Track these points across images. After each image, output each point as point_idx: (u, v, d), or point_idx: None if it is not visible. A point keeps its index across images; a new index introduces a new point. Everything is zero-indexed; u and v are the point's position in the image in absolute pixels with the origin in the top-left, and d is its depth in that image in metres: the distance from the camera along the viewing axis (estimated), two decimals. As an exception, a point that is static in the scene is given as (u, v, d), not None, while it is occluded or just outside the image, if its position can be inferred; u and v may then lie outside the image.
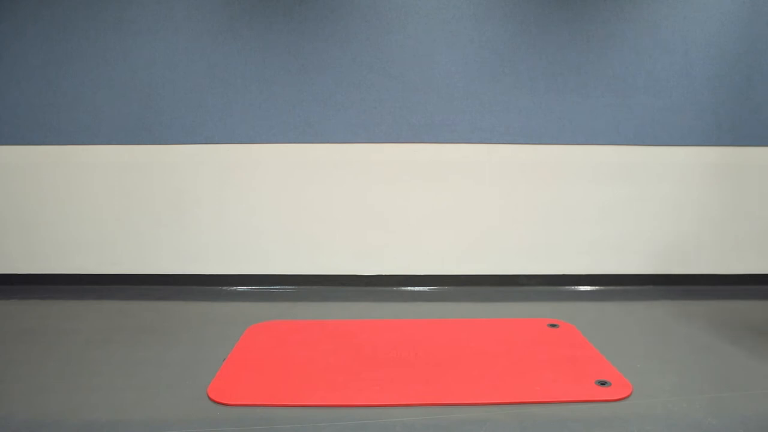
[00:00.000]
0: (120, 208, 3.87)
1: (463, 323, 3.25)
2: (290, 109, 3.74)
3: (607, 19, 3.67)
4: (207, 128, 3.76)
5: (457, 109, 3.73)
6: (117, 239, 3.90)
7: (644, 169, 3.84)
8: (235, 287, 3.93)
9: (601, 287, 3.95)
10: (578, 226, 3.92)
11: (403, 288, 3.92)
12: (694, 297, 3.79)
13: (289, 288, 3.93)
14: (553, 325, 3.22)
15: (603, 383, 2.50)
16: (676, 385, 2.51)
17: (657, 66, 3.72)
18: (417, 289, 3.92)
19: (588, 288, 3.95)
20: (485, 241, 3.89)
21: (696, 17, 3.68)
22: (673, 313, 3.48)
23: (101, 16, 3.64)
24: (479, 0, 3.65)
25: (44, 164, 3.82)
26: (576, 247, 3.93)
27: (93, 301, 3.66)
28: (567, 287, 3.95)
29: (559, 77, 3.71)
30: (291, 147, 3.79)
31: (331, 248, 3.90)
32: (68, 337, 3.04)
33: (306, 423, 2.20)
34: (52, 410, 2.29)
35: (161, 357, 2.80)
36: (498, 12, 3.66)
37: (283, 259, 3.92)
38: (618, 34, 3.68)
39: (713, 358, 2.81)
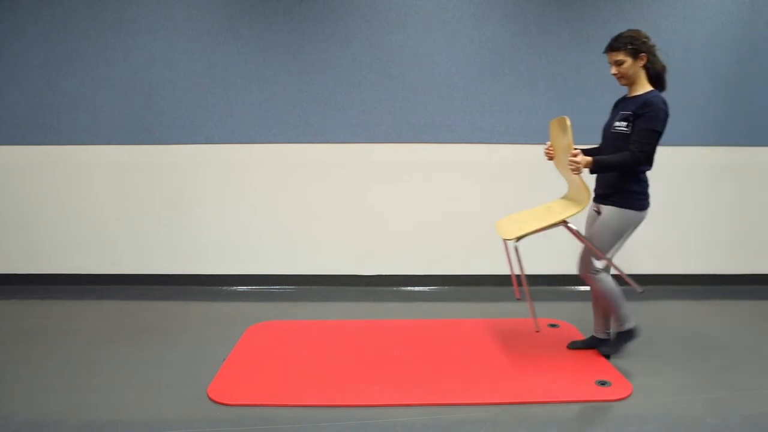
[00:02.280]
0: (120, 208, 3.87)
1: (463, 323, 3.25)
2: (290, 109, 3.74)
3: (607, 19, 3.67)
4: (207, 128, 3.76)
5: (457, 109, 3.73)
6: (117, 239, 3.90)
7: (644, 169, 3.84)
8: (235, 287, 3.93)
9: (601, 287, 3.94)
10: (578, 226, 3.91)
11: (403, 288, 3.91)
12: (693, 297, 3.79)
13: (289, 288, 3.93)
14: (553, 325, 3.22)
15: (603, 383, 2.50)
16: (676, 385, 2.51)
17: (657, 66, 3.71)
18: (417, 289, 3.92)
19: (588, 288, 3.94)
20: (485, 241, 3.88)
21: (696, 17, 3.68)
22: (673, 312, 3.48)
23: (101, 16, 3.64)
24: (479, 0, 3.65)
25: (44, 164, 3.82)
26: (576, 247, 3.92)
27: (93, 301, 3.66)
28: (567, 287, 3.95)
29: (559, 77, 3.71)
30: (291, 147, 3.79)
31: (331, 248, 3.90)
32: (68, 337, 3.04)
33: (306, 423, 2.20)
34: (52, 410, 2.29)
35: (161, 357, 2.80)
36: (498, 12, 3.66)
37: (283, 259, 3.92)
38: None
39: (713, 358, 2.81)
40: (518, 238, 2.54)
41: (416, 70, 3.71)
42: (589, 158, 2.48)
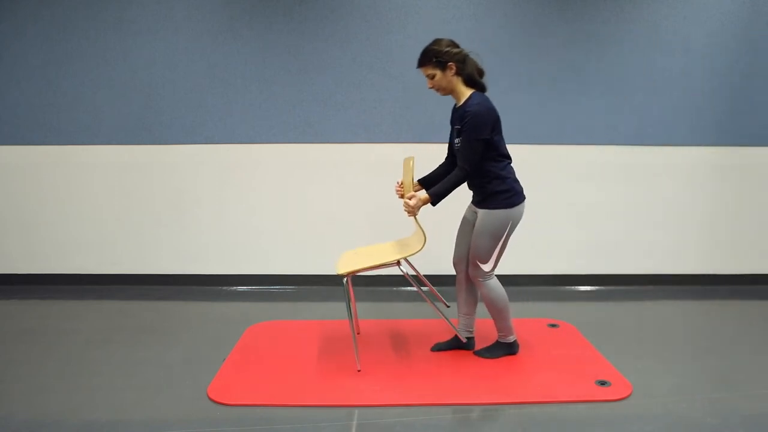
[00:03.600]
0: (120, 208, 3.87)
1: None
2: (290, 109, 3.74)
3: (607, 19, 3.67)
4: (207, 128, 3.76)
5: (457, 109, 3.73)
6: (117, 239, 3.90)
7: (644, 169, 3.85)
8: (235, 287, 3.94)
9: (601, 287, 3.95)
10: (578, 226, 3.92)
11: (402, 288, 3.92)
12: (693, 297, 3.79)
13: (289, 288, 3.93)
14: (553, 325, 3.22)
15: (603, 383, 2.50)
16: (676, 385, 2.51)
17: (657, 66, 3.72)
18: (416, 289, 3.91)
19: (588, 288, 3.95)
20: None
21: (696, 17, 3.68)
22: (673, 312, 3.48)
23: (101, 16, 3.64)
24: (479, 0, 3.65)
25: (44, 164, 3.82)
26: (576, 247, 3.93)
27: (93, 301, 3.66)
28: (567, 287, 3.95)
29: (559, 77, 3.71)
30: (291, 147, 3.79)
31: (331, 248, 3.90)
32: (68, 337, 3.04)
33: (306, 423, 2.20)
34: (52, 410, 2.29)
35: (161, 357, 2.80)
36: (498, 12, 3.66)
37: (283, 259, 3.92)
38: (618, 34, 3.68)
39: (713, 358, 2.81)
40: (346, 274, 2.59)
41: (416, 70, 3.69)
42: (425, 195, 2.51)
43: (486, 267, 2.62)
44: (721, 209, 3.92)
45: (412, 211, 2.53)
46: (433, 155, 3.80)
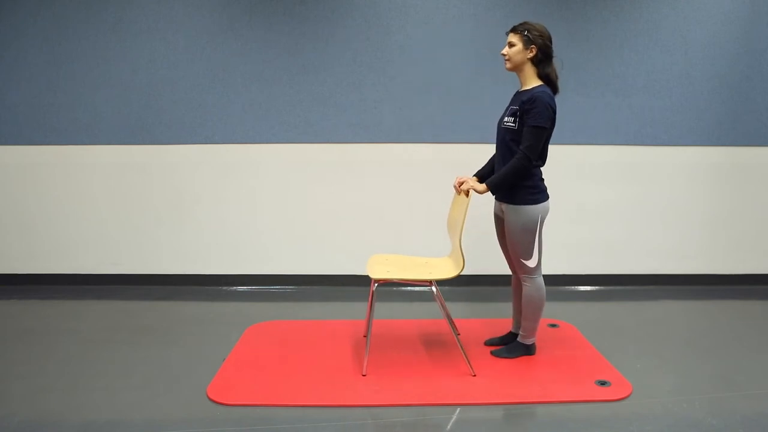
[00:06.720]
0: (120, 208, 3.87)
1: (463, 323, 3.25)
2: (290, 109, 3.74)
3: (606, 19, 3.67)
4: (207, 128, 3.76)
5: (457, 109, 3.73)
6: (117, 239, 3.90)
7: (644, 169, 3.85)
8: (235, 287, 3.94)
9: (601, 287, 3.95)
10: (578, 226, 3.92)
11: (402, 288, 3.92)
12: (694, 297, 3.79)
13: (289, 288, 3.93)
14: (553, 325, 3.22)
15: (603, 383, 2.50)
16: (676, 385, 2.51)
17: (657, 66, 3.72)
18: (416, 289, 3.92)
19: (588, 288, 3.95)
20: (485, 242, 3.89)
21: (696, 17, 3.68)
22: (673, 312, 3.48)
23: (101, 17, 3.64)
24: (479, 0, 3.65)
25: (44, 164, 3.82)
26: (576, 246, 3.93)
27: (93, 301, 3.66)
28: (567, 287, 3.95)
29: (558, 77, 3.70)
30: (291, 147, 3.79)
31: (331, 248, 3.90)
32: (68, 337, 3.05)
33: (306, 423, 2.20)
34: (52, 410, 2.29)
35: (161, 357, 2.80)
36: (498, 12, 3.66)
37: (283, 259, 3.92)
38: (618, 34, 3.68)
39: (713, 358, 2.81)
40: (378, 280, 2.60)
41: (416, 70, 3.71)
42: (483, 185, 2.55)
43: (531, 263, 2.62)
44: (721, 209, 3.92)
45: (463, 187, 2.60)
46: (433, 155, 3.81)
